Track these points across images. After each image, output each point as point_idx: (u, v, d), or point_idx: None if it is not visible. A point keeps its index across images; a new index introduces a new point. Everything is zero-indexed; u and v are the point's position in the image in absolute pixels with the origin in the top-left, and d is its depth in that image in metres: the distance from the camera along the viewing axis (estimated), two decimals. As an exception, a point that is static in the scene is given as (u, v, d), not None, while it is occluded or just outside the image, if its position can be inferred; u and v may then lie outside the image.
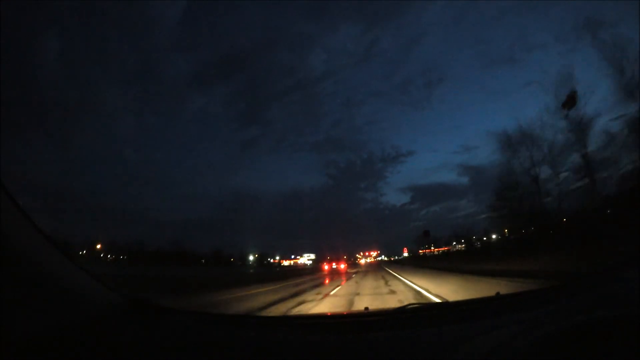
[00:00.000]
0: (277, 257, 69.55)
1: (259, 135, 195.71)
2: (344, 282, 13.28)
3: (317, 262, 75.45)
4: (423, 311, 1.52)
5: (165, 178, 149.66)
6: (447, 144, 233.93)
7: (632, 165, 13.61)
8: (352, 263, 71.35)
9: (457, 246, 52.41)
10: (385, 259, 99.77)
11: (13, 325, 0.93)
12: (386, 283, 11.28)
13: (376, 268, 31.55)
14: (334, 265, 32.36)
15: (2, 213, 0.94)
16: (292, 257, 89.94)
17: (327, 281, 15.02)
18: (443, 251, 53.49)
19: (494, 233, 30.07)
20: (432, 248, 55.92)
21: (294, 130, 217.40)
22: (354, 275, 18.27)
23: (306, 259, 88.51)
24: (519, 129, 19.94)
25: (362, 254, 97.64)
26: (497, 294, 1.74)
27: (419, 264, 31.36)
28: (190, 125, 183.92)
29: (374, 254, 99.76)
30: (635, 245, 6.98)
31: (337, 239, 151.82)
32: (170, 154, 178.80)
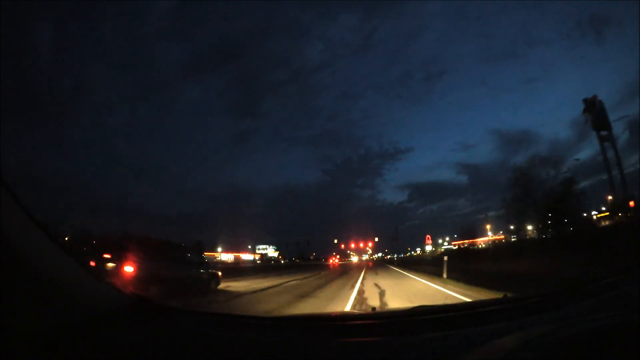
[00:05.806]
0: (219, 250, 58.04)
1: (252, 128, 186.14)
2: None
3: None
4: (432, 313, 1.54)
5: (154, 170, 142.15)
6: (446, 141, 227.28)
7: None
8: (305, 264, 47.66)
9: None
10: (385, 257, 74.68)
11: (17, 324, 0.93)
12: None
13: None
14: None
15: (4, 211, 0.92)
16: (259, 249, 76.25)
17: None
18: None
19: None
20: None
21: (289, 123, 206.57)
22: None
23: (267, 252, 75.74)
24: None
25: (343, 246, 61.19)
26: (505, 295, 1.80)
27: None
28: (182, 117, 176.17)
29: (369, 249, 65.21)
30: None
31: (327, 234, 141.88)
32: (161, 146, 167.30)
